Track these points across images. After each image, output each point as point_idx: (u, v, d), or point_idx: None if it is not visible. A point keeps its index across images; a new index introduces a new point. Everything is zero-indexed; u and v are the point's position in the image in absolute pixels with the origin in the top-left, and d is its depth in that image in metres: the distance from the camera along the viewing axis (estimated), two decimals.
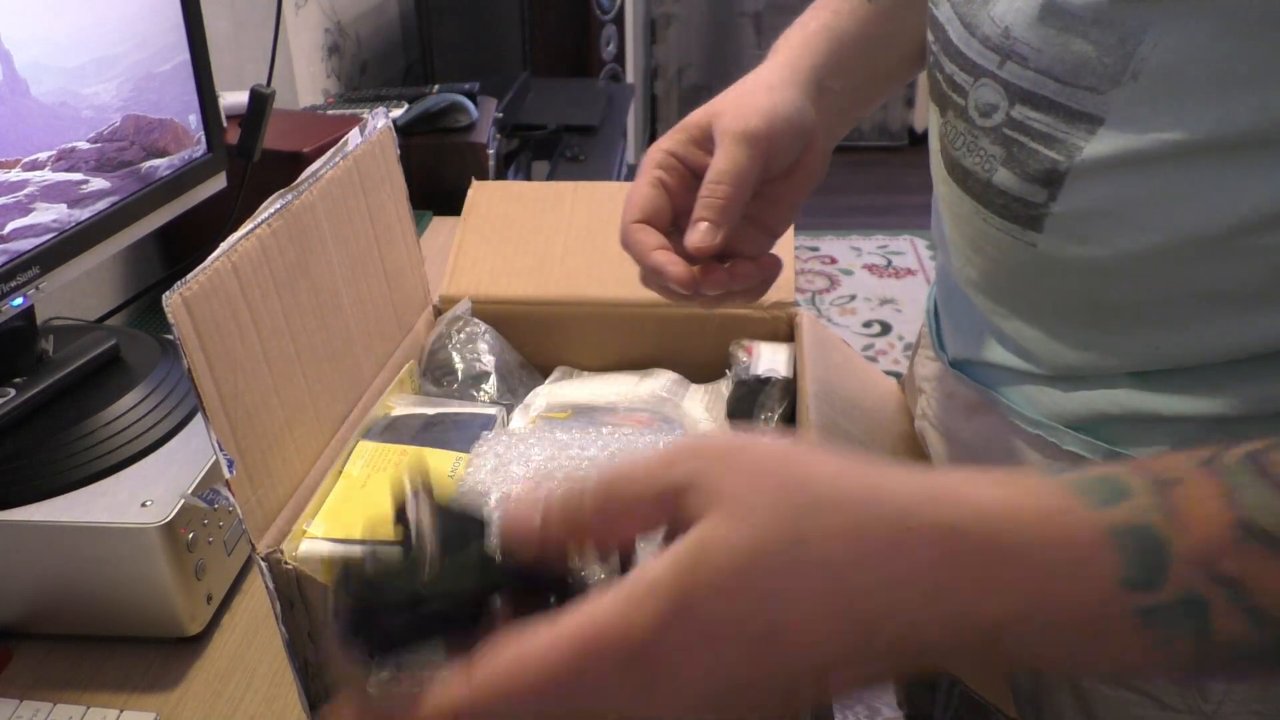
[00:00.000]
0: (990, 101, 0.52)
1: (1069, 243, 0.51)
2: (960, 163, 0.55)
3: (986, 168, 0.53)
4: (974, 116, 0.53)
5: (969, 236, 0.57)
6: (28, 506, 0.66)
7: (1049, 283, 0.54)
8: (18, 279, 0.70)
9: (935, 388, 0.70)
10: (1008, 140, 0.52)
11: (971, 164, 0.54)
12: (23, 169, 0.71)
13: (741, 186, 0.54)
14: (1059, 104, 0.49)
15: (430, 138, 1.52)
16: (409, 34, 2.18)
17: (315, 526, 0.57)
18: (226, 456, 0.52)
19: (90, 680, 0.67)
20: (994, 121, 0.52)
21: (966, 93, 0.54)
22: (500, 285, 0.85)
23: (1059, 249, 0.51)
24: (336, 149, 0.68)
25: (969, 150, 0.54)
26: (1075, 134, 0.49)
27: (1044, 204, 0.51)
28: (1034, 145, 0.50)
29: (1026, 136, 0.51)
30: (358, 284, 0.69)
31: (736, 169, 0.54)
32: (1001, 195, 0.53)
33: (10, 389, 0.73)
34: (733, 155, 0.54)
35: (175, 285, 0.51)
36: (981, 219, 0.55)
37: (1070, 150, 0.49)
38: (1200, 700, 0.54)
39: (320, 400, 0.62)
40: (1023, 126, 0.51)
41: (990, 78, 0.52)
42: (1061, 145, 0.49)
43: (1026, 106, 0.50)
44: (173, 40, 0.86)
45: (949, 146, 0.56)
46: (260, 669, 0.68)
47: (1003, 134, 0.52)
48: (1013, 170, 0.52)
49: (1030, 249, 0.53)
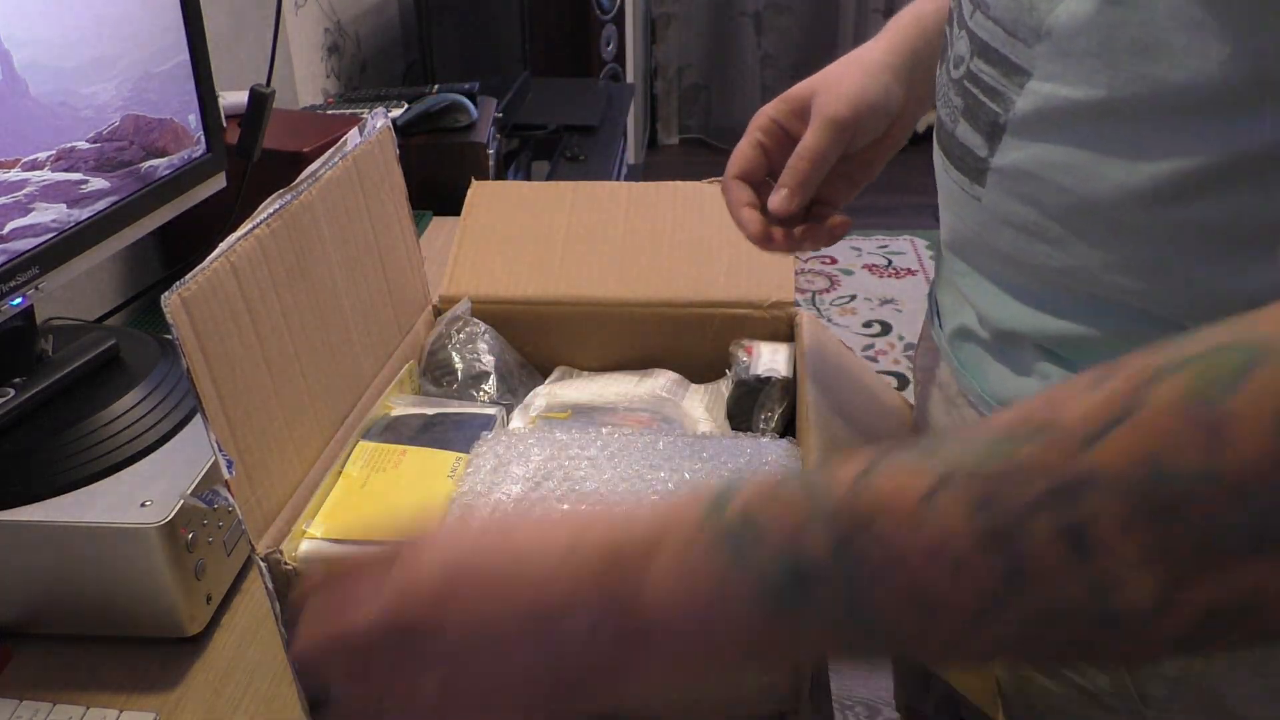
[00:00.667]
0: (960, 54, 0.55)
1: (1006, 199, 0.52)
2: (940, 115, 0.58)
3: (952, 119, 0.56)
4: (950, 69, 0.57)
5: (943, 194, 0.60)
6: (28, 506, 0.66)
7: (992, 239, 0.55)
8: (17, 279, 0.70)
9: (926, 378, 0.71)
10: (966, 92, 0.54)
11: (944, 115, 0.57)
12: (22, 169, 0.71)
13: (821, 164, 0.63)
14: (1002, 55, 0.51)
15: (430, 138, 1.52)
16: (409, 34, 2.18)
17: (315, 527, 0.57)
18: (226, 457, 0.52)
19: (90, 680, 0.67)
20: (959, 73, 0.55)
21: (951, 46, 0.57)
22: (500, 285, 0.85)
23: (997, 204, 0.53)
24: (336, 149, 0.68)
25: (945, 103, 0.58)
26: (1010, 88, 0.51)
27: (986, 158, 0.53)
28: (983, 98, 0.53)
29: (978, 89, 0.53)
30: (357, 284, 0.69)
31: (819, 149, 0.63)
32: (960, 147, 0.55)
33: (10, 389, 0.73)
34: (818, 137, 0.63)
35: (174, 285, 0.51)
36: (947, 173, 0.57)
37: (1007, 103, 0.51)
38: (1141, 706, 0.54)
39: (320, 400, 0.62)
40: (976, 79, 0.53)
41: (965, 29, 0.55)
42: (1001, 98, 0.51)
43: (981, 60, 0.53)
44: (172, 40, 0.86)
45: (938, 101, 0.59)
46: (260, 669, 0.68)
47: (963, 86, 0.55)
48: (969, 122, 0.54)
49: (976, 204, 0.54)
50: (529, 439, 0.64)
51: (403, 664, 0.38)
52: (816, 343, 0.76)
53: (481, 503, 0.58)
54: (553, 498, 0.58)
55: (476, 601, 0.38)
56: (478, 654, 0.38)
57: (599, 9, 3.08)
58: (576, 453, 0.63)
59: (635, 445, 0.63)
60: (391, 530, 0.41)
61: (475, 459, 0.63)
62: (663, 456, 0.62)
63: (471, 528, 0.41)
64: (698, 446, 0.63)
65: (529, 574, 0.37)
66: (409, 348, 0.78)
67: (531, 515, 0.40)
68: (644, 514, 0.38)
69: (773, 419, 0.73)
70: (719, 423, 0.77)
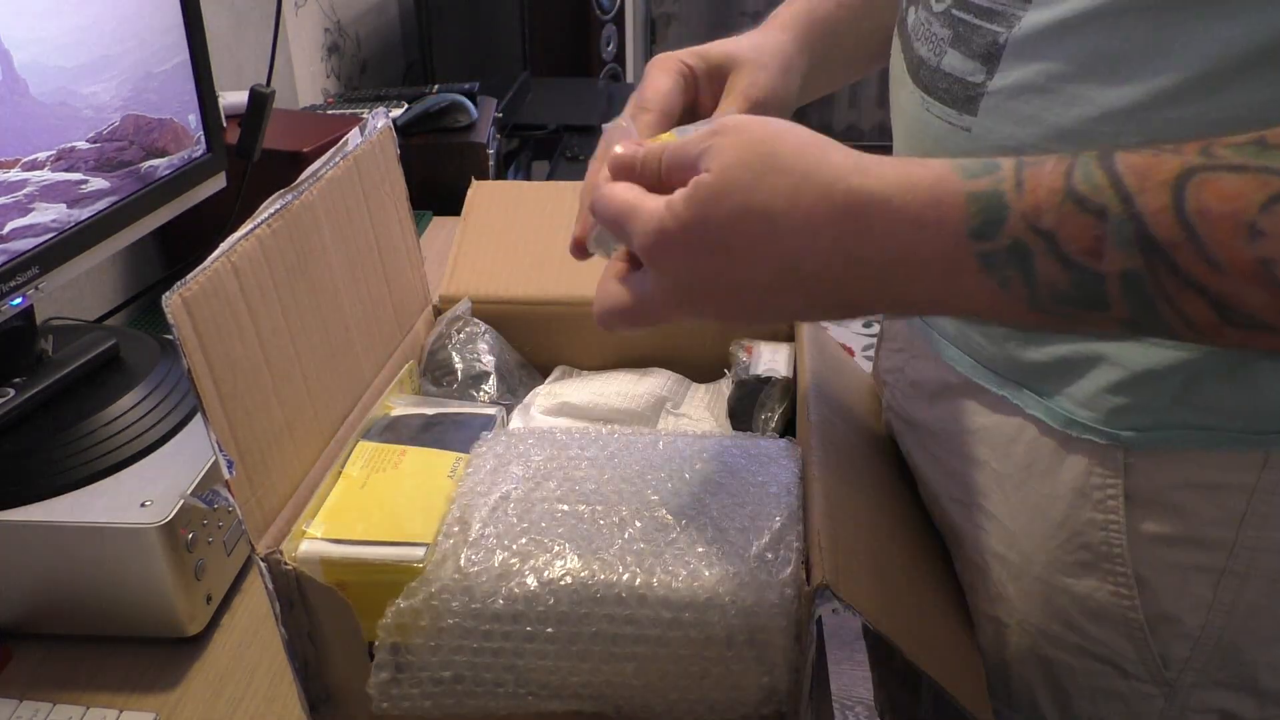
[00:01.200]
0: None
1: (1002, 122, 0.53)
2: (918, 53, 0.58)
3: (937, 52, 0.56)
4: (932, 3, 0.57)
5: (910, 132, 0.60)
6: (28, 506, 0.66)
7: None
8: (17, 279, 0.70)
9: (898, 378, 0.71)
10: (955, 21, 0.55)
11: (925, 52, 0.57)
12: (22, 169, 0.71)
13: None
14: None
15: (430, 138, 1.52)
16: (409, 34, 2.18)
17: (315, 527, 0.57)
18: (226, 457, 0.52)
19: (90, 680, 0.67)
20: (944, 5, 0.56)
21: None
22: (500, 285, 0.85)
23: (990, 130, 0.53)
24: (336, 149, 0.68)
25: (925, 39, 0.57)
26: (1013, 4, 0.51)
27: (981, 83, 0.53)
28: (977, 21, 0.53)
29: (970, 14, 0.54)
30: (357, 284, 0.69)
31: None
32: (946, 78, 0.55)
33: (10, 389, 0.73)
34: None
35: (175, 286, 0.51)
36: (928, 110, 0.57)
37: (1010, 21, 0.51)
38: (1162, 668, 0.55)
39: (320, 400, 0.62)
40: (966, 5, 0.54)
41: None
42: (1001, 17, 0.52)
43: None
44: (172, 40, 0.86)
45: (912, 41, 0.59)
46: (260, 669, 0.68)
47: (951, 15, 0.55)
48: (959, 50, 0.54)
49: (965, 134, 0.54)
50: (529, 439, 0.64)
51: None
52: (816, 343, 0.76)
53: (481, 503, 0.58)
54: (553, 498, 0.58)
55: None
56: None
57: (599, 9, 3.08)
58: (576, 453, 0.62)
59: (635, 445, 0.63)
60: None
61: (475, 459, 0.63)
62: (663, 457, 0.62)
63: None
64: (698, 446, 0.63)
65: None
66: (409, 348, 0.78)
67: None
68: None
69: (773, 419, 0.73)
70: (720, 422, 0.77)
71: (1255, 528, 0.51)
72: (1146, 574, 0.54)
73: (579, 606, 0.53)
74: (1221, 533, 0.52)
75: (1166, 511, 0.53)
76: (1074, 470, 0.55)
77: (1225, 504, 0.52)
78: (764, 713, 0.55)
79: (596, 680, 0.54)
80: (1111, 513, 0.54)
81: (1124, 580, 0.54)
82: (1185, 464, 0.52)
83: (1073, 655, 0.58)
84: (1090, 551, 0.55)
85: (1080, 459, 0.55)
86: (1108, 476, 0.54)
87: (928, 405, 0.66)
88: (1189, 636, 0.54)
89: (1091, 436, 0.54)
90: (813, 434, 0.64)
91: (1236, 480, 0.51)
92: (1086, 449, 0.54)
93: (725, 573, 0.53)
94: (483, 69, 2.02)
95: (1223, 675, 0.55)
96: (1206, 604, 0.53)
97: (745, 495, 0.58)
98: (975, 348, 0.60)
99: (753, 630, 0.53)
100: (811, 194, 0.43)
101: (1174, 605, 0.54)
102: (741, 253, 0.44)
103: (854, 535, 0.57)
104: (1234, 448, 0.51)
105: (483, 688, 0.55)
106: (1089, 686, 0.58)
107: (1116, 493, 0.54)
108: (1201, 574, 0.53)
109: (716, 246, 0.44)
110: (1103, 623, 0.56)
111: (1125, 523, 0.54)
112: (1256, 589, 0.52)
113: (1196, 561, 0.53)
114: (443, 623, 0.54)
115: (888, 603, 0.55)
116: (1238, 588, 0.53)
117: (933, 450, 0.66)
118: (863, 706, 1.74)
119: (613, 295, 0.50)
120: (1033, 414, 0.56)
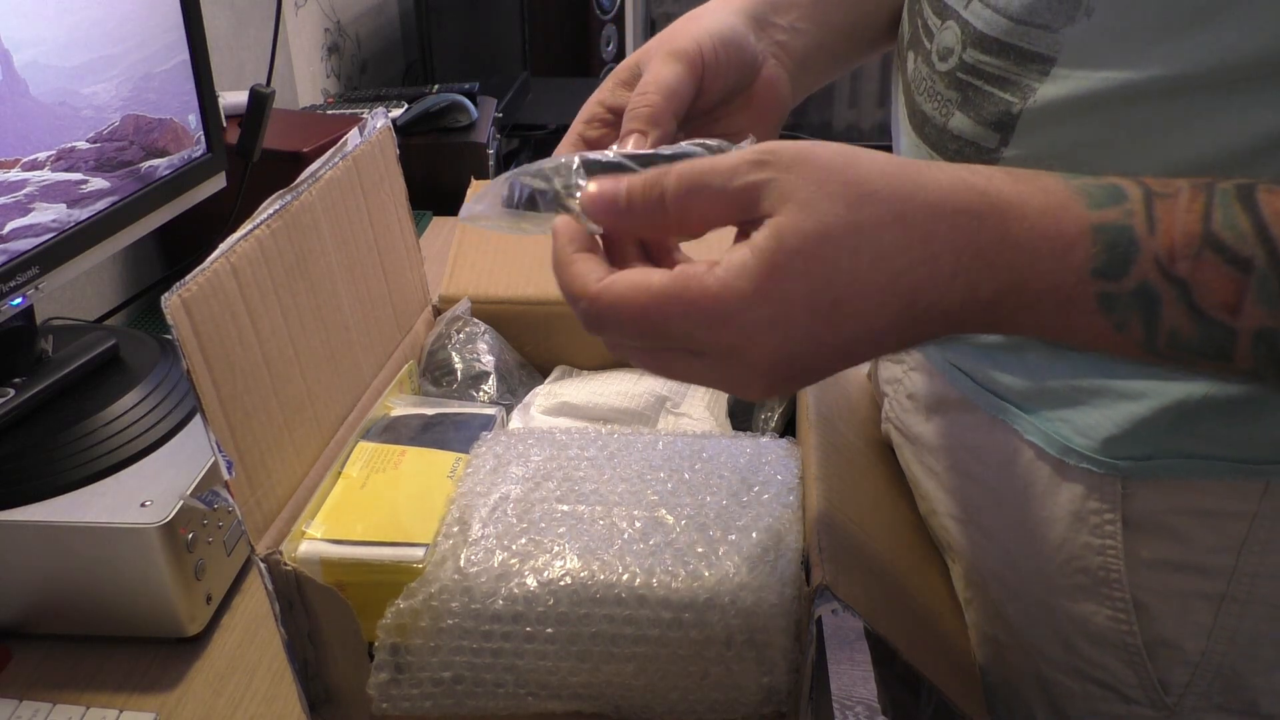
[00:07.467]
0: (948, 45, 0.53)
1: None
2: (921, 108, 0.56)
3: (944, 112, 0.54)
4: (934, 61, 0.54)
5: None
6: (28, 506, 0.66)
7: None
8: (17, 279, 0.70)
9: (896, 390, 0.70)
10: (962, 84, 0.52)
11: (930, 109, 0.55)
12: (22, 169, 0.71)
13: (669, 97, 0.50)
14: (1011, 45, 0.49)
15: (430, 138, 1.52)
16: (409, 34, 2.18)
17: (314, 527, 0.57)
18: (225, 457, 0.52)
19: (90, 680, 0.67)
20: (949, 65, 0.53)
21: (934, 35, 0.55)
22: (500, 285, 0.85)
23: None
24: (336, 149, 0.68)
25: (929, 96, 0.55)
26: (1027, 75, 0.49)
27: (995, 149, 0.51)
28: (988, 89, 0.51)
29: (980, 80, 0.51)
30: (357, 284, 0.69)
31: (661, 79, 0.51)
32: (956, 140, 0.53)
33: (10, 389, 0.73)
34: (658, 70, 0.51)
35: (174, 286, 0.50)
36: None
37: (1024, 92, 0.49)
38: (1161, 693, 0.54)
39: (319, 401, 0.62)
40: (975, 70, 0.51)
41: (955, 19, 0.53)
42: (1015, 87, 0.50)
43: (977, 50, 0.51)
44: (172, 40, 0.86)
45: (914, 93, 0.57)
46: (260, 669, 0.68)
47: (957, 78, 0.53)
48: (968, 114, 0.52)
49: None
50: (529, 439, 0.64)
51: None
52: None
53: (481, 503, 0.58)
54: (552, 498, 0.58)
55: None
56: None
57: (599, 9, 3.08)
58: (576, 453, 0.62)
59: (635, 445, 0.63)
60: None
61: (475, 459, 0.63)
62: (663, 457, 0.62)
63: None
64: (698, 446, 0.63)
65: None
66: (409, 348, 0.78)
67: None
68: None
69: (773, 418, 0.73)
70: (720, 422, 0.77)
71: (1256, 554, 0.50)
72: (1145, 599, 0.53)
73: (579, 607, 0.53)
74: (1221, 559, 0.51)
75: (1165, 537, 0.52)
76: (1070, 495, 0.54)
77: (1225, 530, 0.51)
78: (764, 713, 0.55)
79: (596, 680, 0.54)
80: (1109, 538, 0.53)
81: (1122, 605, 0.54)
82: (1184, 491, 0.51)
83: (1072, 678, 0.57)
84: (1088, 575, 0.54)
85: (1077, 486, 0.54)
86: (1105, 502, 0.53)
87: (925, 419, 0.66)
88: (1189, 662, 0.53)
89: (1088, 466, 0.53)
90: (813, 434, 0.64)
91: (1236, 507, 0.50)
92: (1083, 476, 0.53)
93: (725, 573, 0.53)
94: (483, 69, 2.02)
95: (1223, 700, 0.54)
96: (1206, 630, 0.52)
97: (745, 495, 0.58)
98: (972, 367, 0.59)
99: (753, 630, 0.53)
100: (919, 225, 0.38)
101: (1173, 631, 0.53)
102: (852, 302, 0.38)
103: (854, 536, 0.56)
104: (1233, 477, 0.50)
105: (482, 688, 0.55)
106: (1088, 710, 0.57)
107: (1114, 518, 0.53)
108: (1201, 600, 0.52)
109: (820, 304, 0.38)
110: (1102, 647, 0.55)
111: (1123, 548, 0.53)
112: (1257, 615, 0.52)
113: (1196, 587, 0.52)
114: (442, 623, 0.54)
115: (887, 603, 0.55)
116: (1238, 614, 0.52)
117: (930, 464, 0.65)
118: (863, 706, 1.74)
119: (683, 372, 0.41)
120: (1030, 439, 0.56)
